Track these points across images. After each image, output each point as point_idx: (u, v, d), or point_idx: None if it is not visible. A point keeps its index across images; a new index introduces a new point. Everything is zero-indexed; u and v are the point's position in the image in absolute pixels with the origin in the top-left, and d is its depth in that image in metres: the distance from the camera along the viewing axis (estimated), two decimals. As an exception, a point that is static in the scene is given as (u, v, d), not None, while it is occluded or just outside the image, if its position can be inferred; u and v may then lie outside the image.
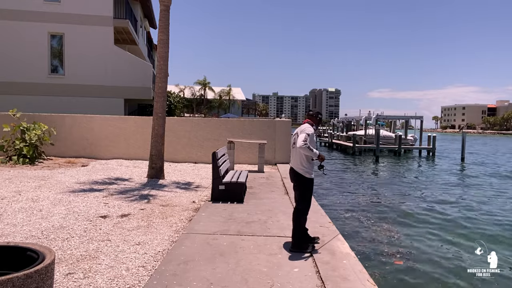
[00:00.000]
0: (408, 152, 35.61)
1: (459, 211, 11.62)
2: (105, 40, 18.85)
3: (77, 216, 5.66)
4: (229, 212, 6.25)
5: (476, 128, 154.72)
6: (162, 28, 9.55)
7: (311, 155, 4.43)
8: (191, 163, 12.92)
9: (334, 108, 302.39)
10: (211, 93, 63.27)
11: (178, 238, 4.84)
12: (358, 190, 14.99)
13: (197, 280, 3.58)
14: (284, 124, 13.63)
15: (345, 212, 11.01)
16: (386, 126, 45.84)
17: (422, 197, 13.89)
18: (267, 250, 4.46)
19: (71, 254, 4.14)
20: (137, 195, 7.38)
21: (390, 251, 7.64)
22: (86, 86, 18.71)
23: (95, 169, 10.53)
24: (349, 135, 42.53)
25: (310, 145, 4.37)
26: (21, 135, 11.42)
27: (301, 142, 4.35)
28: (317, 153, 4.40)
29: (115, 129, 13.16)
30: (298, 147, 4.38)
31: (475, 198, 14.07)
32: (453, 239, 8.70)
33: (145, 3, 25.20)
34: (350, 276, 3.75)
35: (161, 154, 9.53)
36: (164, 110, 9.60)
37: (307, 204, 4.56)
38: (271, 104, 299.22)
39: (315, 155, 4.41)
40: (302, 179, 4.52)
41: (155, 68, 12.00)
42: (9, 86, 17.99)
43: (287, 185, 8.68)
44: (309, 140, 4.40)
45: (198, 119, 14.01)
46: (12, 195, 6.89)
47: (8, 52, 18.07)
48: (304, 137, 4.38)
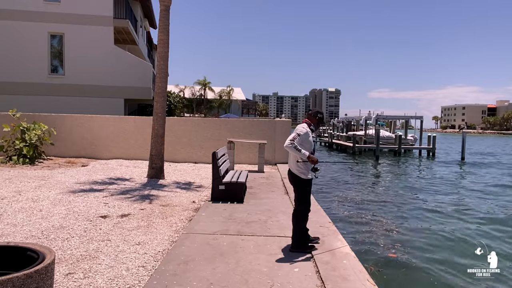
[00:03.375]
0: (408, 152, 35.61)
1: (460, 211, 11.62)
2: (105, 40, 18.85)
3: (77, 216, 5.66)
4: (229, 212, 6.25)
5: (476, 128, 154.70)
6: (162, 28, 9.55)
7: (299, 156, 4.28)
8: (191, 163, 12.92)
9: (334, 108, 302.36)
10: (211, 93, 63.22)
11: (178, 238, 4.84)
12: (358, 190, 14.98)
13: (197, 280, 3.58)
14: (284, 124, 13.63)
15: (345, 212, 11.00)
16: (386, 126, 45.84)
17: (422, 197, 13.88)
18: (267, 250, 4.45)
19: (71, 254, 4.14)
20: (137, 195, 7.38)
21: (390, 251, 7.64)
22: (86, 86, 18.71)
23: (95, 169, 10.53)
24: (349, 135, 42.52)
25: (299, 145, 4.24)
26: (21, 135, 11.42)
27: (287, 141, 4.24)
28: (306, 154, 4.24)
29: (115, 129, 13.16)
30: (284, 146, 4.29)
31: (475, 197, 14.06)
32: (453, 239, 8.70)
33: (145, 3, 25.20)
34: (350, 276, 3.75)
35: (161, 154, 9.52)
36: (164, 110, 9.60)
37: (306, 205, 4.49)
38: (271, 104, 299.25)
39: (304, 156, 4.24)
40: (298, 180, 4.44)
41: (155, 68, 12.00)
42: (9, 86, 17.99)
43: (287, 185, 8.68)
44: (299, 140, 4.27)
45: (198, 119, 14.01)
46: (12, 195, 6.89)
47: (8, 52, 18.08)
48: (293, 137, 4.26)
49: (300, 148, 4.24)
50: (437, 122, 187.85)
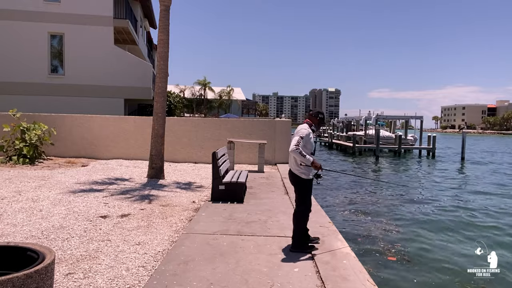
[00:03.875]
0: (408, 152, 35.62)
1: (459, 211, 11.62)
2: (105, 40, 18.85)
3: (77, 216, 5.66)
4: (229, 212, 6.25)
5: (476, 128, 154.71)
6: (162, 28, 9.55)
7: (303, 162, 4.22)
8: (191, 163, 12.92)
9: (334, 108, 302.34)
10: (211, 93, 63.23)
11: (178, 238, 4.84)
12: (358, 190, 14.98)
13: (197, 280, 3.58)
14: (284, 124, 13.63)
15: (345, 212, 11.00)
16: (386, 126, 45.84)
17: (422, 196, 13.88)
18: (267, 250, 4.45)
19: (71, 254, 4.14)
20: (137, 195, 7.38)
21: (390, 250, 7.64)
22: (86, 86, 18.71)
23: (95, 169, 10.53)
24: (349, 135, 42.51)
25: (303, 149, 4.21)
26: (21, 135, 11.42)
27: (292, 146, 4.19)
28: (310, 159, 4.20)
29: (115, 129, 13.16)
30: (290, 151, 4.25)
31: (475, 197, 14.06)
32: (453, 239, 8.70)
33: (145, 3, 25.20)
34: (350, 276, 3.75)
35: (161, 154, 9.53)
36: (164, 110, 9.60)
37: (307, 205, 4.47)
38: (271, 104, 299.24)
39: (308, 162, 4.19)
40: (299, 180, 4.42)
41: (155, 68, 12.00)
42: (9, 86, 18.00)
43: (287, 185, 8.68)
44: (303, 143, 4.24)
45: (198, 119, 14.01)
46: (12, 195, 6.89)
47: (8, 52, 18.08)
48: (297, 141, 4.20)
49: (305, 153, 4.20)
50: (437, 122, 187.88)
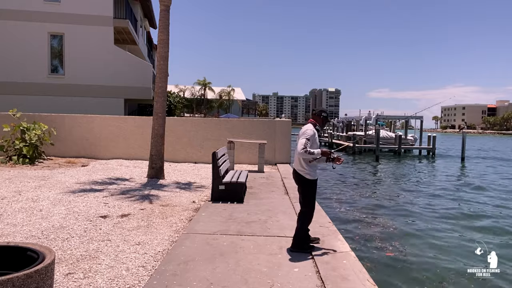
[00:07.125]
0: (408, 152, 35.64)
1: (459, 210, 11.61)
2: (105, 40, 18.86)
3: (77, 216, 5.66)
4: (229, 212, 6.25)
5: (476, 128, 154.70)
6: (162, 28, 9.55)
7: (314, 157, 4.26)
8: (191, 163, 12.92)
9: (334, 108, 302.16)
10: (211, 93, 63.29)
11: (178, 238, 4.84)
12: (358, 190, 14.98)
13: (197, 280, 3.58)
14: (284, 124, 13.63)
15: (345, 212, 11.00)
16: (386, 126, 45.85)
17: (422, 196, 13.88)
18: (267, 250, 4.46)
19: (71, 254, 4.14)
20: (137, 195, 7.38)
21: (390, 250, 7.64)
22: (86, 86, 18.72)
23: (95, 169, 10.53)
24: (349, 135, 42.51)
25: (310, 149, 4.24)
26: (21, 135, 11.42)
27: (300, 149, 4.23)
28: (319, 151, 4.25)
29: (115, 129, 13.16)
30: (297, 154, 4.30)
31: (475, 196, 14.06)
32: (453, 238, 8.70)
33: (145, 3, 25.21)
34: (350, 276, 3.75)
35: (161, 154, 9.53)
36: (164, 110, 9.60)
37: (311, 206, 4.47)
38: (271, 104, 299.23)
39: (318, 155, 4.25)
40: (304, 180, 4.43)
41: (155, 68, 12.00)
42: (9, 86, 18.00)
43: (287, 185, 8.68)
44: (309, 143, 4.28)
45: (198, 119, 14.01)
46: (12, 195, 6.89)
47: (8, 52, 18.09)
48: (304, 143, 4.24)
49: (312, 150, 4.23)
50: (437, 122, 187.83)
